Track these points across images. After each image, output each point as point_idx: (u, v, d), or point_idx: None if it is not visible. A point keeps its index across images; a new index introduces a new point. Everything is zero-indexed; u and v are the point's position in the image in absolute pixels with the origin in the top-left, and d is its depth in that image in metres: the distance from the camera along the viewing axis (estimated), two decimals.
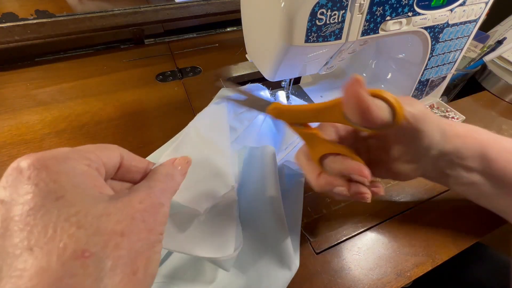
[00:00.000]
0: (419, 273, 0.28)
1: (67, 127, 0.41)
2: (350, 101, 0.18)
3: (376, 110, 0.18)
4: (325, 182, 0.22)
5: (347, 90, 0.18)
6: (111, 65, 0.55)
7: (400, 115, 0.18)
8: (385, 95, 0.18)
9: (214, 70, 0.54)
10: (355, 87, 0.17)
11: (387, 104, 0.18)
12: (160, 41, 0.63)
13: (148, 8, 0.56)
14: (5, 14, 0.49)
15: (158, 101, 0.47)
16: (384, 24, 0.30)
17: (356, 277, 0.27)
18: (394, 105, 0.18)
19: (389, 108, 0.18)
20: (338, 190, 0.22)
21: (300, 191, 0.32)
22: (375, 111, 0.18)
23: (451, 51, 0.39)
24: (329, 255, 0.29)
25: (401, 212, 0.33)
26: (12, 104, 0.45)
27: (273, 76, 0.35)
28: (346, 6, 0.26)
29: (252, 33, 0.35)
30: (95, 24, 0.53)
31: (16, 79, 0.50)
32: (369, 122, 0.18)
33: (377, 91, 0.19)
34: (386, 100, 0.18)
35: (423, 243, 0.30)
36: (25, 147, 0.38)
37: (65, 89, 0.49)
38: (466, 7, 0.34)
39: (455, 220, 0.32)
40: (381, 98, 0.18)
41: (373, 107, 0.17)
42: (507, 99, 0.50)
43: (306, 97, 0.48)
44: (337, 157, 0.22)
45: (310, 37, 0.27)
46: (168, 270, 0.26)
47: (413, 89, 0.42)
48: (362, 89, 0.17)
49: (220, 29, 0.69)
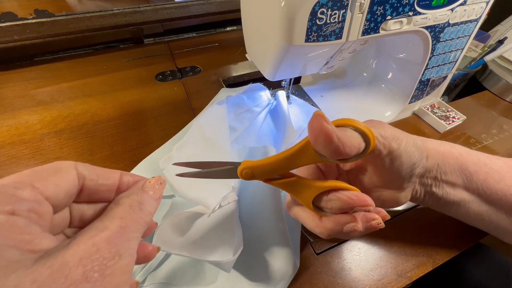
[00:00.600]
0: (419, 273, 0.28)
1: (66, 127, 0.41)
2: (318, 138, 0.17)
3: (348, 140, 0.17)
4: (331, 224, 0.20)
5: (311, 127, 0.17)
6: (111, 64, 0.55)
7: (372, 139, 0.18)
8: (353, 123, 0.18)
9: (214, 70, 0.54)
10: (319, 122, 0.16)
11: (357, 131, 0.18)
12: (160, 41, 0.63)
13: (148, 8, 0.56)
14: (4, 14, 0.49)
15: (157, 101, 0.47)
16: (385, 23, 0.30)
17: (356, 277, 0.27)
18: (365, 131, 0.18)
19: (360, 134, 0.18)
20: (349, 227, 0.20)
21: None
22: (347, 141, 0.17)
23: (451, 51, 0.39)
24: (329, 255, 0.29)
25: (402, 213, 0.33)
26: (11, 104, 0.45)
27: (273, 76, 0.35)
28: (347, 5, 0.26)
29: (252, 33, 0.35)
30: (94, 24, 0.53)
31: (15, 79, 0.50)
32: (344, 153, 0.17)
33: (343, 121, 0.19)
34: (356, 127, 0.18)
35: (424, 243, 0.30)
36: (24, 147, 0.38)
37: (64, 89, 0.48)
38: (467, 6, 0.34)
39: (456, 220, 0.32)
40: (350, 126, 0.18)
41: (343, 137, 0.17)
42: (508, 99, 0.50)
43: (306, 97, 0.48)
44: (332, 195, 0.20)
45: (310, 36, 0.27)
46: (168, 271, 0.26)
47: (414, 88, 0.42)
48: (327, 122, 0.17)
49: (220, 29, 0.69)
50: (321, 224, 0.21)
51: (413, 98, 0.43)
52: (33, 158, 0.37)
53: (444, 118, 0.44)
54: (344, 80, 0.51)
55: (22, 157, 0.37)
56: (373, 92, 0.48)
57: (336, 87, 0.50)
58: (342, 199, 0.19)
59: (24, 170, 0.13)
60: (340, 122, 0.18)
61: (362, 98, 0.47)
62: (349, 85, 0.50)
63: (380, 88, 0.48)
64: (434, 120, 0.44)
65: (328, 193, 0.20)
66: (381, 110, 0.45)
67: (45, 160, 0.36)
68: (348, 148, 0.17)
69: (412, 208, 0.33)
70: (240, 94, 0.42)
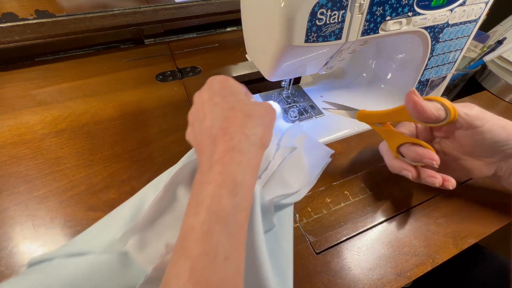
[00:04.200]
0: (419, 273, 0.28)
1: (67, 127, 0.41)
2: (408, 105, 0.25)
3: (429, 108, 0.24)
4: (398, 165, 0.29)
5: (406, 97, 0.25)
6: (111, 65, 0.55)
7: (452, 112, 0.24)
8: (439, 99, 0.25)
9: (214, 70, 0.54)
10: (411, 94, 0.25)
11: (441, 104, 0.25)
12: (160, 41, 0.63)
13: (148, 8, 0.56)
14: (5, 14, 0.49)
15: (158, 101, 0.47)
16: (384, 24, 0.30)
17: (356, 277, 0.27)
18: (446, 104, 0.25)
19: (443, 107, 0.25)
20: (405, 173, 0.28)
21: (289, 225, 0.30)
22: (428, 109, 0.24)
23: (451, 51, 0.39)
24: (329, 255, 0.29)
25: (401, 212, 0.33)
26: (12, 104, 0.45)
27: (273, 76, 0.35)
28: (346, 6, 0.26)
29: (252, 33, 0.35)
30: (95, 24, 0.53)
31: (16, 79, 0.50)
32: (426, 118, 0.25)
33: (435, 97, 0.25)
34: (440, 101, 0.25)
35: (423, 243, 0.30)
36: (25, 147, 0.38)
37: (65, 89, 0.49)
38: (466, 7, 0.34)
39: (455, 220, 0.32)
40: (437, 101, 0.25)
41: (425, 106, 0.24)
42: (507, 99, 0.50)
43: (306, 97, 0.48)
44: (411, 146, 0.27)
45: (310, 37, 0.27)
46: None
47: None
48: (416, 95, 0.24)
49: (220, 29, 0.69)
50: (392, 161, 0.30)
51: None
52: (34, 158, 0.37)
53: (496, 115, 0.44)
54: (344, 80, 0.52)
55: (23, 157, 0.37)
56: (373, 92, 0.48)
57: (335, 87, 0.50)
58: (416, 151, 0.26)
59: (25, 170, 0.14)
60: (433, 98, 0.26)
61: (362, 98, 0.47)
62: (348, 86, 0.51)
63: (379, 89, 0.48)
64: None
65: (410, 144, 0.27)
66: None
67: (45, 160, 0.37)
68: (428, 113, 0.24)
69: (412, 208, 0.33)
70: None
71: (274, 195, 0.29)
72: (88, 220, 0.31)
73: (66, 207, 0.32)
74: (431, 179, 0.26)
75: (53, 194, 0.33)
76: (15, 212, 0.31)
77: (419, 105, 0.24)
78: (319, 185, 0.35)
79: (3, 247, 0.28)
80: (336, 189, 0.34)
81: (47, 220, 0.31)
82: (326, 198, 0.34)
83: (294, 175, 0.33)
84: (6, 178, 0.34)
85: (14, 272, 0.27)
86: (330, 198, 0.34)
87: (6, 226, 0.30)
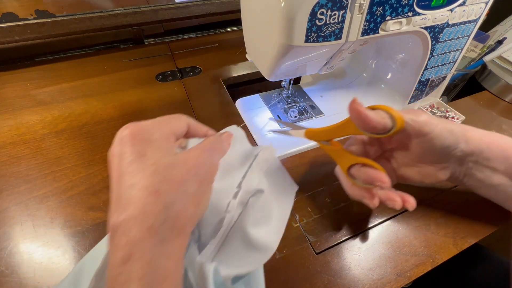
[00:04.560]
0: (419, 273, 0.28)
1: (67, 127, 0.41)
2: (352, 115, 0.24)
3: (373, 118, 0.23)
4: (357, 193, 0.27)
5: (349, 107, 0.24)
6: (111, 65, 0.55)
7: (399, 120, 0.23)
8: (384, 107, 0.24)
9: (214, 70, 0.54)
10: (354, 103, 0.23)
11: (386, 113, 0.24)
12: (160, 41, 0.63)
13: (148, 8, 0.56)
14: (5, 14, 0.49)
15: (158, 101, 0.47)
16: (384, 24, 0.30)
17: (356, 277, 0.27)
18: (392, 113, 0.24)
19: (388, 115, 0.24)
20: (365, 201, 0.26)
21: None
22: (373, 118, 0.23)
23: (451, 51, 0.39)
24: (329, 255, 0.29)
25: (401, 212, 0.33)
26: (12, 104, 0.45)
27: (273, 76, 0.35)
28: (346, 6, 0.26)
29: (252, 33, 0.35)
30: (95, 24, 0.53)
31: (16, 79, 0.50)
32: (372, 128, 0.23)
33: (379, 106, 0.24)
34: (385, 109, 0.24)
35: (423, 243, 0.30)
36: (25, 147, 0.38)
37: (65, 89, 0.49)
38: (466, 7, 0.34)
39: (455, 220, 0.32)
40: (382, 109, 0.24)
41: (369, 116, 0.23)
42: (507, 99, 0.50)
43: (306, 97, 0.48)
44: (361, 168, 0.26)
45: (310, 37, 0.27)
46: None
47: (413, 89, 0.42)
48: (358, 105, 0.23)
49: (220, 29, 0.69)
50: (351, 189, 0.28)
51: (412, 99, 0.43)
52: (34, 158, 0.37)
53: (443, 118, 0.44)
54: (344, 80, 0.52)
55: (23, 157, 0.37)
56: (373, 92, 0.48)
57: (335, 87, 0.50)
58: (366, 173, 0.25)
59: (25, 170, 0.14)
60: (375, 106, 0.25)
61: (362, 98, 0.47)
62: (348, 86, 0.51)
63: (379, 89, 0.48)
64: None
65: (360, 165, 0.26)
66: None
67: (45, 160, 0.37)
68: (373, 122, 0.23)
69: None
70: None
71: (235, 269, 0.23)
72: (88, 220, 0.31)
73: (66, 207, 0.32)
74: (391, 203, 0.25)
75: (53, 194, 0.33)
76: (15, 212, 0.31)
77: (363, 115, 0.23)
78: (319, 185, 0.35)
79: (3, 247, 0.28)
80: (336, 189, 0.34)
81: (47, 220, 0.31)
82: (326, 198, 0.34)
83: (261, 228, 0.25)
84: (6, 178, 0.34)
85: (14, 272, 0.27)
86: (330, 198, 0.34)
87: (6, 226, 0.30)
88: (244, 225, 0.24)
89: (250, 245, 0.24)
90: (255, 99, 0.47)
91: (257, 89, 0.59)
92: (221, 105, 0.47)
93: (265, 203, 0.26)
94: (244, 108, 0.45)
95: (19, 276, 0.27)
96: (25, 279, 0.26)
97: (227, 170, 0.26)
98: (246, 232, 0.24)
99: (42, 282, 0.26)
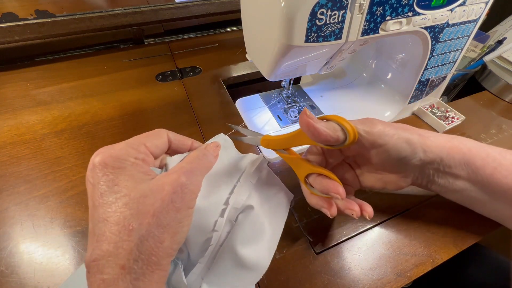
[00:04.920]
0: (419, 273, 0.28)
1: (67, 127, 0.41)
2: (303, 127, 0.23)
3: (324, 131, 0.22)
4: (315, 202, 0.26)
5: (300, 119, 0.23)
6: (111, 65, 0.55)
7: (351, 132, 0.23)
8: (337, 118, 0.23)
9: (214, 70, 0.54)
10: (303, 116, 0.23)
11: (338, 124, 0.23)
12: (160, 41, 0.63)
13: (148, 8, 0.56)
14: (5, 14, 0.49)
15: (158, 101, 0.47)
16: (384, 24, 0.30)
17: (356, 277, 0.27)
18: (344, 125, 0.23)
19: (341, 127, 0.23)
20: (324, 211, 0.26)
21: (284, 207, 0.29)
22: (324, 131, 0.22)
23: (451, 51, 0.39)
24: (329, 255, 0.29)
25: (401, 212, 0.33)
26: (12, 104, 0.45)
27: (273, 76, 0.35)
28: (346, 6, 0.26)
29: (252, 33, 0.35)
30: (95, 24, 0.53)
31: (16, 79, 0.50)
32: (324, 141, 0.23)
33: (332, 116, 0.24)
34: (337, 121, 0.23)
35: (423, 243, 0.30)
36: (25, 147, 0.38)
37: (65, 89, 0.49)
38: (466, 7, 0.34)
39: (455, 220, 0.32)
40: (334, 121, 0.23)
41: (319, 129, 0.22)
42: (507, 99, 0.50)
43: (306, 97, 0.48)
44: (317, 178, 0.25)
45: (310, 37, 0.27)
46: None
47: (413, 89, 0.42)
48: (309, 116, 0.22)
49: (220, 29, 0.69)
50: (309, 197, 0.27)
51: (412, 99, 0.43)
52: (33, 158, 0.37)
53: (443, 118, 0.44)
54: (344, 80, 0.52)
55: (23, 157, 0.37)
56: (373, 92, 0.48)
57: (335, 87, 0.50)
58: (322, 183, 0.25)
59: (25, 170, 0.14)
60: (328, 117, 0.24)
61: (362, 98, 0.48)
62: (348, 86, 0.51)
63: (379, 89, 0.48)
64: (433, 120, 0.44)
65: (317, 175, 0.26)
66: (381, 110, 0.45)
67: (45, 160, 0.37)
68: (325, 136, 0.22)
69: (412, 208, 0.33)
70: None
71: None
72: (88, 220, 0.30)
73: (66, 207, 0.32)
74: (349, 212, 0.25)
75: (53, 194, 0.33)
76: (15, 212, 0.31)
77: (312, 127, 0.22)
78: None
79: (3, 247, 0.28)
80: None
81: (47, 220, 0.31)
82: None
83: (251, 246, 0.24)
84: (6, 178, 0.34)
85: (14, 272, 0.27)
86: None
87: (6, 226, 0.30)
88: (233, 244, 0.23)
89: (240, 265, 0.23)
90: (255, 99, 0.47)
91: (257, 89, 0.59)
92: (221, 105, 0.47)
93: (255, 218, 0.25)
94: (244, 108, 0.45)
95: (19, 276, 0.27)
96: (25, 279, 0.27)
97: (213, 185, 0.25)
98: (235, 252, 0.23)
99: (42, 282, 0.26)
